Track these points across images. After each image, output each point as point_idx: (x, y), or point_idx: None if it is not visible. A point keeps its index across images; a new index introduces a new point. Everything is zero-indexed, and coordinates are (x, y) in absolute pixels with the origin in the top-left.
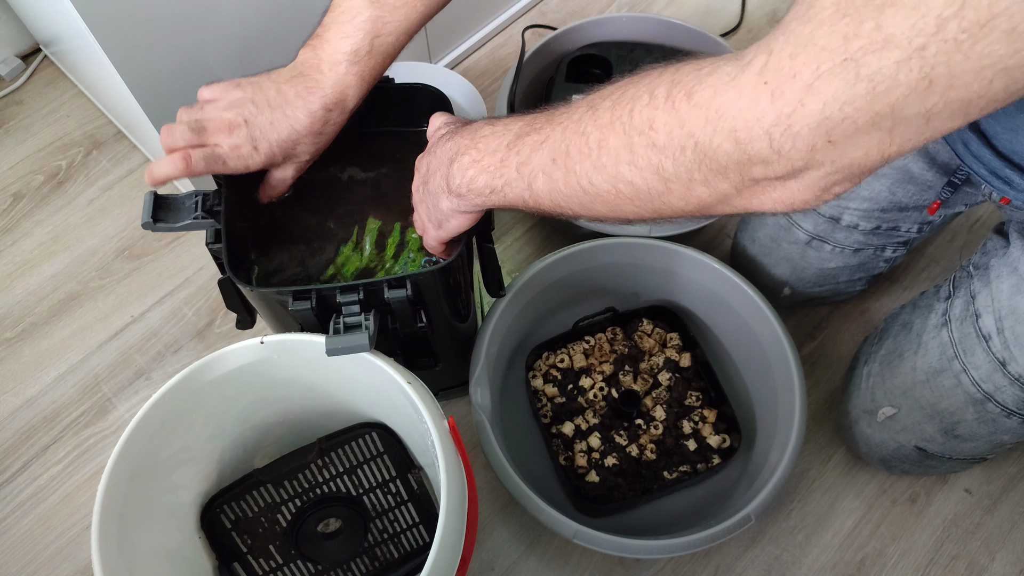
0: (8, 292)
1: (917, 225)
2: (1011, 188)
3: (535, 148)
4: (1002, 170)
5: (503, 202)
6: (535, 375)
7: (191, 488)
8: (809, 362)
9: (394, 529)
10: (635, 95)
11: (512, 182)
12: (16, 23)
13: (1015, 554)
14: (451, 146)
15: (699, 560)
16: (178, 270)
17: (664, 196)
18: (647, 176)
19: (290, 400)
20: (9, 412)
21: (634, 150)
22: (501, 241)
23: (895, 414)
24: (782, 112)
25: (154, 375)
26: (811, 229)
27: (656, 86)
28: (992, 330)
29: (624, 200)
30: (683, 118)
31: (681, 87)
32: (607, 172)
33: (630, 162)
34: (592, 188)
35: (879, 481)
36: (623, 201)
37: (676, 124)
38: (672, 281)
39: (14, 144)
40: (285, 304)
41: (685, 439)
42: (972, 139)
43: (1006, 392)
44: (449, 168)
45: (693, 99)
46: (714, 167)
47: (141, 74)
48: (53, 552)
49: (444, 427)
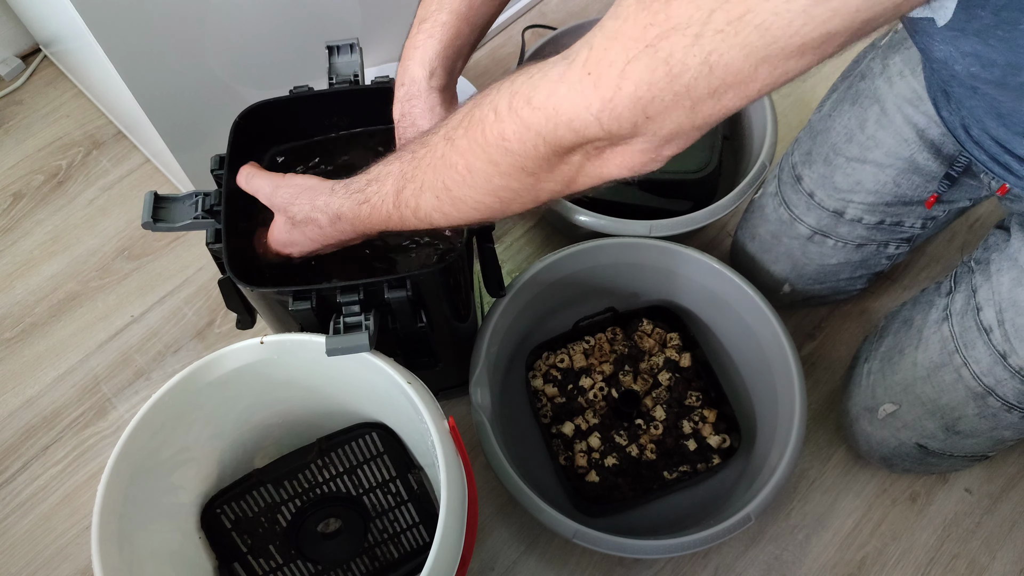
0: (8, 292)
1: (921, 220)
2: (1011, 175)
3: (419, 195)
4: (1002, 156)
5: None
6: (535, 375)
7: (191, 488)
8: (809, 362)
9: (394, 529)
10: (482, 117)
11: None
12: (16, 23)
13: (1015, 553)
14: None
15: (699, 560)
16: (178, 270)
17: (537, 185)
18: (516, 177)
19: (290, 400)
20: (9, 412)
21: (498, 162)
22: (501, 241)
23: (896, 411)
24: (604, 97)
25: (154, 375)
26: (814, 224)
27: (498, 102)
28: (993, 323)
29: (508, 202)
30: (527, 122)
31: (519, 96)
32: (485, 188)
33: (499, 173)
34: (480, 204)
35: (879, 481)
36: (508, 203)
37: (523, 129)
38: (672, 281)
39: (14, 144)
40: (285, 304)
41: (685, 439)
42: (973, 125)
43: (1007, 385)
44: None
45: (533, 103)
46: (564, 150)
47: (141, 74)
48: (53, 552)
49: (444, 427)
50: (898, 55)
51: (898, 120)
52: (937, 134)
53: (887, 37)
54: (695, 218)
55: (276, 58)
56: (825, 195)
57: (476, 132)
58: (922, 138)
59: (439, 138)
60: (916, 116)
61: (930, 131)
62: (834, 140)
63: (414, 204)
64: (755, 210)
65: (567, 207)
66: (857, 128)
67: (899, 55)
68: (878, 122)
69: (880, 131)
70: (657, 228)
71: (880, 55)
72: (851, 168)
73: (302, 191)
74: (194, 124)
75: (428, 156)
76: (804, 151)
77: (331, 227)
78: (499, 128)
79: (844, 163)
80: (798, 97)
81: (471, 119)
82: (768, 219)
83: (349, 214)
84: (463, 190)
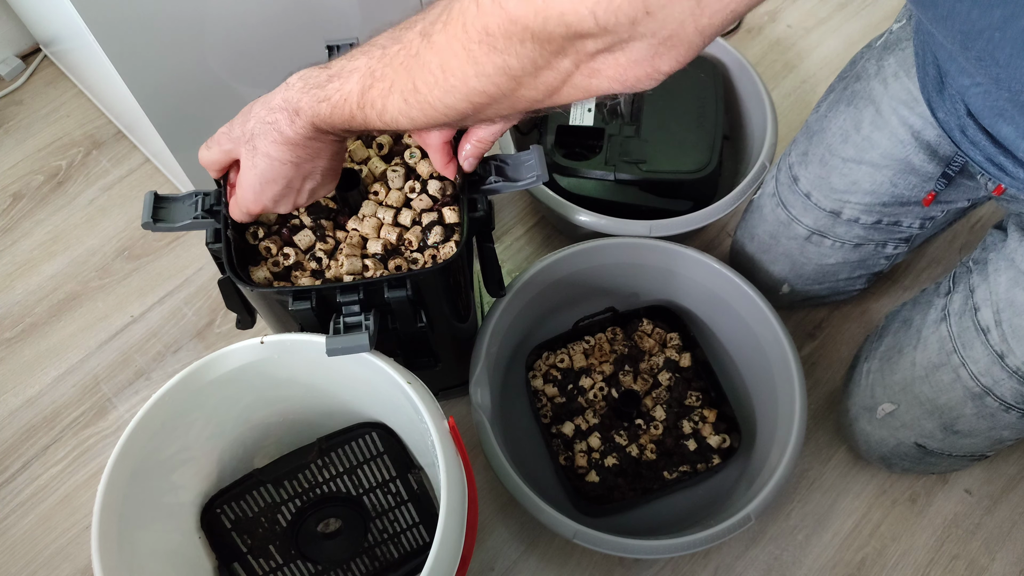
0: (8, 292)
1: (919, 220)
2: (1006, 175)
3: (386, 97)
4: (997, 156)
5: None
6: (535, 375)
7: (191, 488)
8: (809, 362)
9: (394, 529)
10: (462, 9)
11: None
12: (16, 23)
13: (1015, 554)
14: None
15: (699, 560)
16: (178, 270)
17: (516, 92)
18: (496, 80)
19: (290, 400)
20: (9, 412)
21: (478, 62)
22: (501, 241)
23: (894, 411)
24: None
25: (154, 375)
26: (811, 224)
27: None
28: (990, 323)
29: (482, 108)
30: (514, 15)
31: None
32: (459, 92)
33: (477, 74)
34: (451, 110)
35: (879, 481)
36: (481, 109)
37: (509, 23)
38: (672, 281)
39: (14, 144)
40: (285, 304)
41: (685, 439)
42: (969, 125)
43: (1004, 386)
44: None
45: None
46: (553, 49)
47: (141, 74)
48: (53, 552)
49: (444, 427)
50: (892, 56)
51: (893, 121)
52: (933, 135)
53: (883, 38)
54: (695, 218)
55: (276, 58)
56: (822, 196)
57: (456, 27)
58: (917, 139)
59: (414, 34)
60: (911, 117)
61: (925, 132)
62: (830, 141)
63: (380, 106)
64: (754, 210)
65: (567, 207)
66: (853, 129)
67: (893, 56)
68: (873, 123)
69: (875, 132)
70: (657, 228)
71: (875, 56)
72: (847, 169)
73: (254, 104)
74: (194, 124)
75: (401, 54)
76: (801, 152)
77: (291, 127)
78: (482, 22)
79: (840, 164)
80: (798, 97)
81: (450, 13)
82: (766, 219)
83: (308, 111)
84: (435, 93)
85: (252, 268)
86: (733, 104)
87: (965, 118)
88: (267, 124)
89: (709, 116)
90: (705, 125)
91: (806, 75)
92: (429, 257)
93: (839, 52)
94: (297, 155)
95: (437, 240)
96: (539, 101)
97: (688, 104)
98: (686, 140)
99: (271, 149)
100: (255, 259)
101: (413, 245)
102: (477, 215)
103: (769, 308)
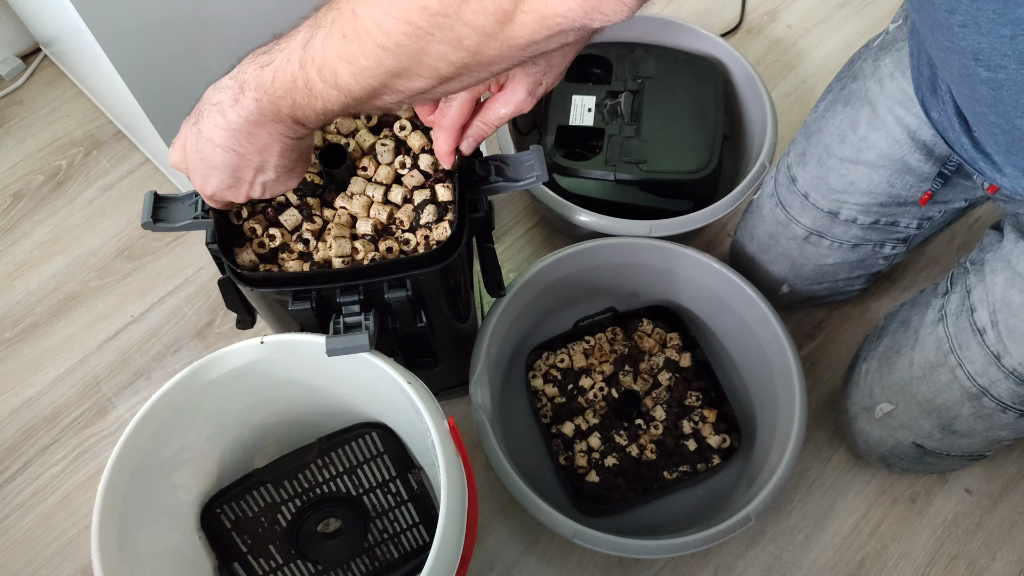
0: (8, 292)
1: (916, 220)
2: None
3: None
4: (978, 162)
5: None
6: (535, 375)
7: (191, 488)
8: (809, 362)
9: (394, 529)
10: None
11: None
12: (16, 23)
13: (1015, 554)
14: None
15: (699, 560)
16: (178, 270)
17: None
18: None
19: (290, 400)
20: (9, 412)
21: None
22: (501, 241)
23: (892, 410)
24: None
25: (154, 375)
26: (809, 224)
27: None
28: (987, 324)
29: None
30: None
31: None
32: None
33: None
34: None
35: (879, 481)
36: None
37: None
38: (672, 281)
39: (14, 144)
40: (285, 304)
41: (685, 439)
42: (955, 123)
43: (1001, 386)
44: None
45: None
46: None
47: (141, 74)
48: (53, 552)
49: (444, 427)
50: (888, 57)
51: (889, 121)
52: (928, 135)
53: (879, 38)
54: (695, 218)
55: None
56: (819, 196)
57: None
58: (913, 139)
59: None
60: (907, 117)
61: (921, 132)
62: (827, 141)
63: (320, 58)
64: (753, 211)
65: (567, 207)
66: (849, 129)
67: (889, 56)
68: (870, 123)
69: (872, 132)
70: (657, 228)
71: (872, 56)
72: (844, 169)
73: (207, 88)
74: None
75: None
76: (799, 152)
77: (234, 108)
78: None
79: (837, 164)
80: (798, 97)
81: None
82: (765, 219)
83: (252, 82)
84: (373, 14)
85: (237, 250)
86: (733, 104)
87: (953, 116)
88: (212, 105)
89: (709, 116)
90: (705, 125)
91: (806, 75)
92: (421, 238)
93: (839, 52)
94: (240, 145)
95: (430, 220)
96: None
97: (688, 104)
98: (686, 140)
99: (214, 134)
100: (240, 240)
101: (405, 225)
102: (477, 215)
103: (769, 308)
